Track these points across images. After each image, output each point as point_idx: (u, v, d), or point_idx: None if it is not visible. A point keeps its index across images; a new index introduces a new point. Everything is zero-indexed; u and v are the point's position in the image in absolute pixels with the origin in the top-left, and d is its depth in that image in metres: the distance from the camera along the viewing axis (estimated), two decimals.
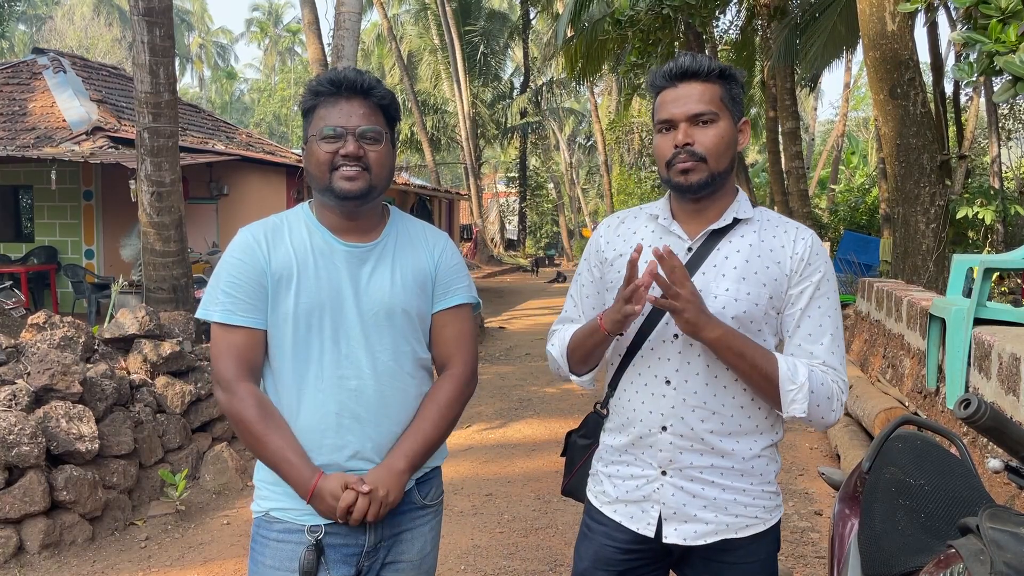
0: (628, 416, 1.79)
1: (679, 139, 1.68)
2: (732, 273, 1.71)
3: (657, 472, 1.75)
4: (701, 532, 1.73)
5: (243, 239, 1.81)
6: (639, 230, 1.84)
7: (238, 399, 1.73)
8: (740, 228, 1.75)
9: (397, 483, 1.76)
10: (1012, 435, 1.36)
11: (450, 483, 5.14)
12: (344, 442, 1.76)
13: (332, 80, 1.77)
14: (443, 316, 1.90)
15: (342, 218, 1.81)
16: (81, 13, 44.84)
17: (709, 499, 1.73)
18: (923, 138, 7.55)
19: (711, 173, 1.69)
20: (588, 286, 1.90)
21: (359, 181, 1.74)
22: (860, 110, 35.06)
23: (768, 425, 1.76)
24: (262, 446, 1.73)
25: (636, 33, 11.48)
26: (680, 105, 1.69)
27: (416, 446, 1.80)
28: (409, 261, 1.86)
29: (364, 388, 1.78)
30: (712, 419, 1.71)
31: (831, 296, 1.73)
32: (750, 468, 1.74)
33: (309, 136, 1.79)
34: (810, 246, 1.73)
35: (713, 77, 1.70)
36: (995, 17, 4.62)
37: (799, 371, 1.65)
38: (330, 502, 1.71)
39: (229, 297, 1.77)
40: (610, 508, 1.81)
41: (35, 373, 4.39)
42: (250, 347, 1.77)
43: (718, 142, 1.68)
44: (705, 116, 1.68)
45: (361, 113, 1.76)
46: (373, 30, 36.51)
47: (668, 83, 1.72)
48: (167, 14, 6.72)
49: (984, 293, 4.49)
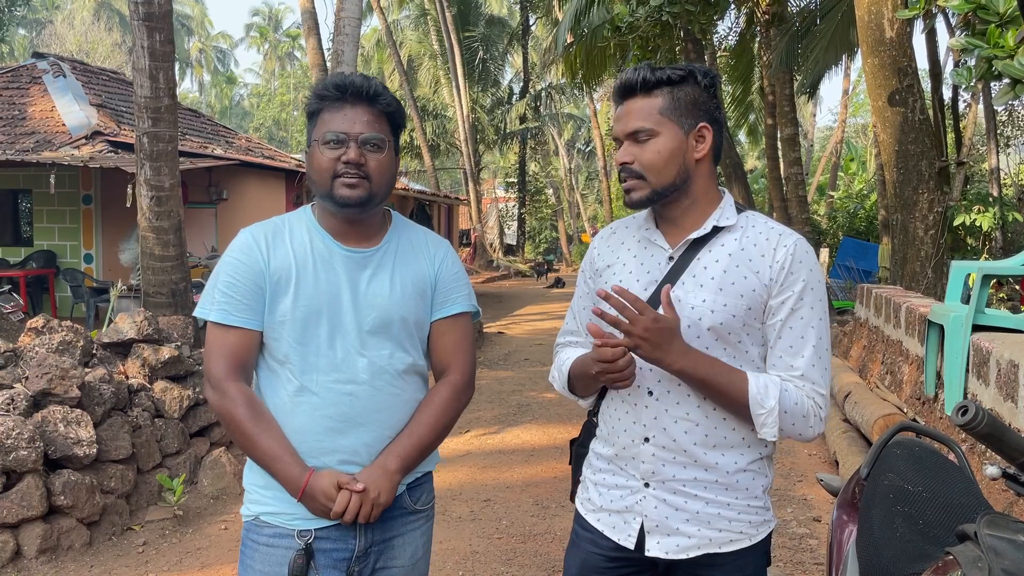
0: (612, 426, 1.77)
1: (620, 158, 1.70)
2: (710, 283, 1.67)
3: (640, 484, 1.72)
4: (684, 546, 1.69)
5: (243, 240, 1.81)
6: (627, 240, 1.83)
7: (228, 398, 1.73)
8: (721, 236, 1.71)
9: (389, 483, 1.75)
10: (1010, 442, 1.36)
11: (448, 489, 5.13)
12: (337, 446, 1.75)
13: (338, 85, 1.76)
14: (442, 324, 1.89)
15: (343, 223, 1.81)
16: (81, 18, 44.88)
17: (692, 512, 1.69)
18: (922, 145, 7.57)
19: (652, 190, 1.68)
20: (584, 298, 1.89)
21: (359, 189, 1.73)
22: (859, 116, 35.16)
23: (755, 438, 1.69)
24: (252, 444, 1.72)
25: (635, 40, 11.49)
26: (620, 123, 1.70)
27: (409, 448, 1.79)
28: (410, 268, 1.85)
29: (359, 392, 1.77)
30: (696, 431, 1.68)
31: (815, 306, 1.66)
32: (735, 482, 1.70)
33: (312, 140, 1.78)
34: (792, 254, 1.66)
35: (655, 89, 1.66)
36: (993, 22, 4.64)
37: (769, 393, 1.61)
38: (322, 500, 1.70)
39: (226, 297, 1.76)
40: (594, 516, 1.80)
41: (33, 377, 4.39)
42: (244, 348, 1.76)
43: (654, 158, 1.65)
44: (641, 134, 1.66)
45: (365, 120, 1.75)
46: (373, 35, 36.56)
47: (618, 100, 1.73)
48: (167, 19, 6.73)
49: (982, 300, 4.49)
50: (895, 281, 7.99)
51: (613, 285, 1.62)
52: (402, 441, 1.80)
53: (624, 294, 1.58)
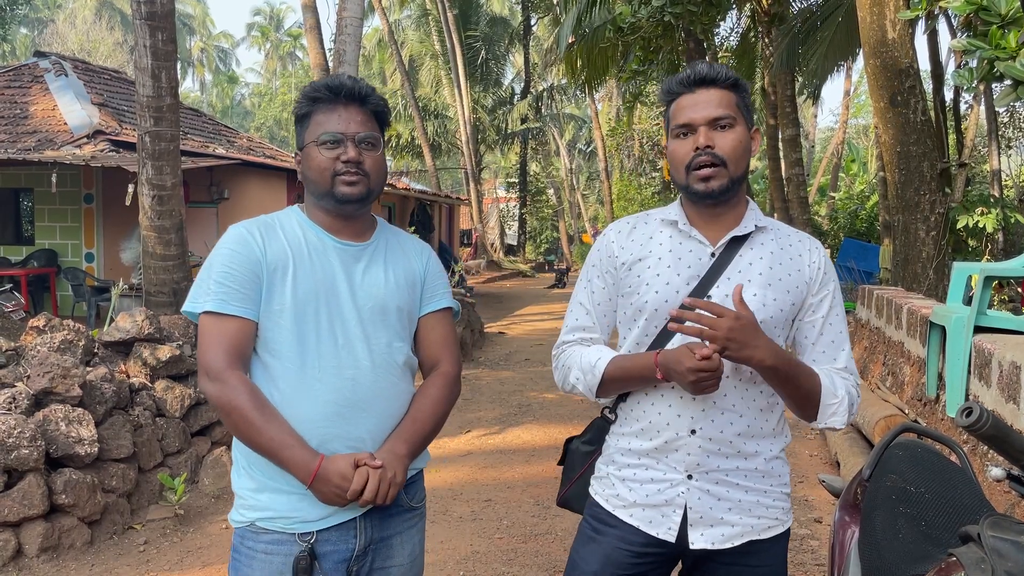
0: (651, 420, 1.76)
1: (700, 141, 1.70)
2: (758, 279, 1.73)
3: (682, 476, 1.74)
4: (728, 535, 1.74)
5: (236, 232, 1.81)
6: (655, 235, 1.82)
7: (230, 387, 1.69)
8: (759, 235, 1.79)
9: (401, 466, 1.75)
10: (1014, 443, 1.36)
11: (449, 488, 5.13)
12: (344, 432, 1.75)
13: (330, 86, 1.80)
14: (431, 319, 1.94)
15: (336, 220, 1.84)
16: (83, 17, 44.90)
17: (735, 501, 1.74)
18: (923, 146, 7.56)
19: (731, 178, 1.72)
20: (599, 292, 1.86)
21: (359, 186, 1.78)
22: (860, 117, 35.13)
23: (780, 428, 1.81)
24: (258, 433, 1.68)
25: (637, 40, 11.49)
26: (699, 110, 1.71)
27: (414, 434, 1.81)
28: (400, 263, 1.90)
29: (361, 378, 1.78)
30: (739, 422, 1.73)
31: (842, 304, 1.82)
32: (771, 469, 1.77)
33: (307, 143, 1.80)
34: (824, 257, 1.81)
35: (729, 84, 1.74)
36: (995, 24, 4.64)
37: (836, 385, 1.72)
38: (336, 481, 1.66)
39: (222, 287, 1.74)
40: (625, 512, 1.79)
41: (35, 376, 4.39)
42: (242, 337, 1.74)
43: (736, 146, 1.71)
44: (724, 120, 1.71)
45: (359, 120, 1.79)
46: (374, 35, 36.58)
47: (686, 89, 1.75)
48: (169, 18, 6.73)
49: (984, 301, 4.49)
50: (896, 282, 7.98)
51: (684, 299, 1.64)
52: (406, 428, 1.81)
53: (696, 302, 1.60)
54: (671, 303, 1.72)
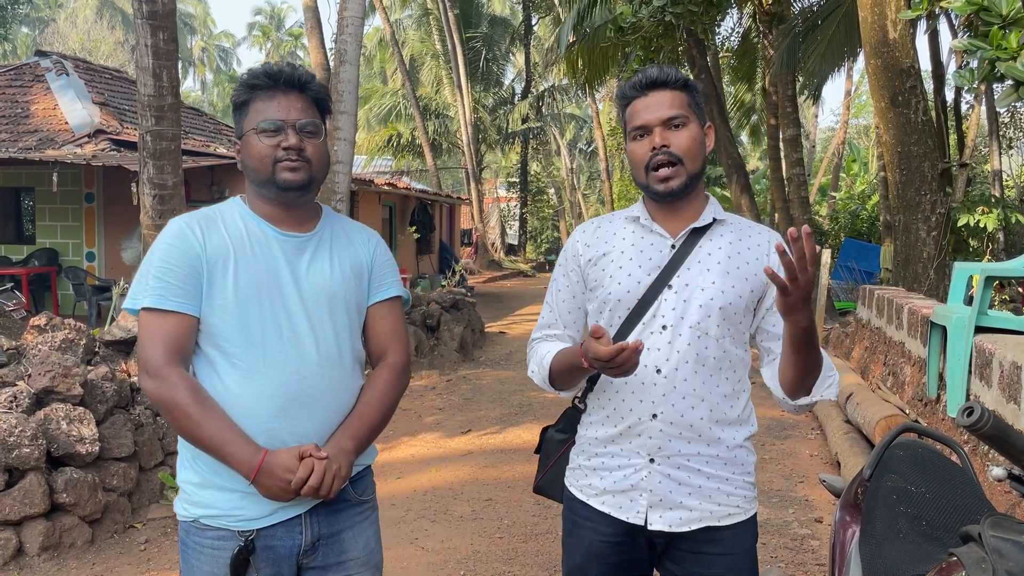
0: (615, 407, 1.82)
1: (656, 141, 1.76)
2: (716, 268, 1.79)
3: (645, 460, 1.79)
4: (686, 519, 1.78)
5: (175, 227, 1.78)
6: (619, 231, 1.89)
7: (170, 384, 1.66)
8: (717, 228, 1.84)
9: (347, 460, 1.73)
10: (1015, 443, 1.36)
11: (449, 488, 5.13)
12: (288, 428, 1.73)
13: (268, 73, 1.78)
14: (379, 308, 1.92)
15: (278, 209, 1.82)
16: (84, 16, 44.90)
17: (694, 487, 1.78)
18: (924, 146, 7.56)
19: (688, 175, 1.78)
20: (564, 291, 1.95)
21: (301, 172, 1.77)
22: (861, 118, 35.11)
23: (747, 416, 1.84)
24: (199, 429, 1.65)
25: (638, 40, 11.49)
26: (653, 111, 1.78)
27: (361, 429, 1.80)
28: (346, 252, 1.88)
29: (307, 372, 1.76)
30: (701, 406, 1.77)
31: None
32: (733, 457, 1.81)
33: (246, 130, 1.79)
34: None
35: (679, 86, 1.80)
36: (996, 24, 4.64)
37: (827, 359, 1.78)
38: (280, 475, 1.65)
39: (161, 282, 1.71)
40: (597, 500, 1.85)
41: (36, 375, 4.39)
42: (182, 333, 1.71)
43: (691, 143, 1.77)
44: (677, 119, 1.77)
45: (299, 107, 1.78)
46: (375, 35, 36.55)
47: (639, 93, 1.82)
48: (170, 18, 6.73)
49: (985, 301, 4.50)
50: (897, 282, 7.99)
51: (804, 227, 1.51)
52: (352, 423, 1.80)
53: (806, 232, 1.49)
54: (633, 294, 1.79)
